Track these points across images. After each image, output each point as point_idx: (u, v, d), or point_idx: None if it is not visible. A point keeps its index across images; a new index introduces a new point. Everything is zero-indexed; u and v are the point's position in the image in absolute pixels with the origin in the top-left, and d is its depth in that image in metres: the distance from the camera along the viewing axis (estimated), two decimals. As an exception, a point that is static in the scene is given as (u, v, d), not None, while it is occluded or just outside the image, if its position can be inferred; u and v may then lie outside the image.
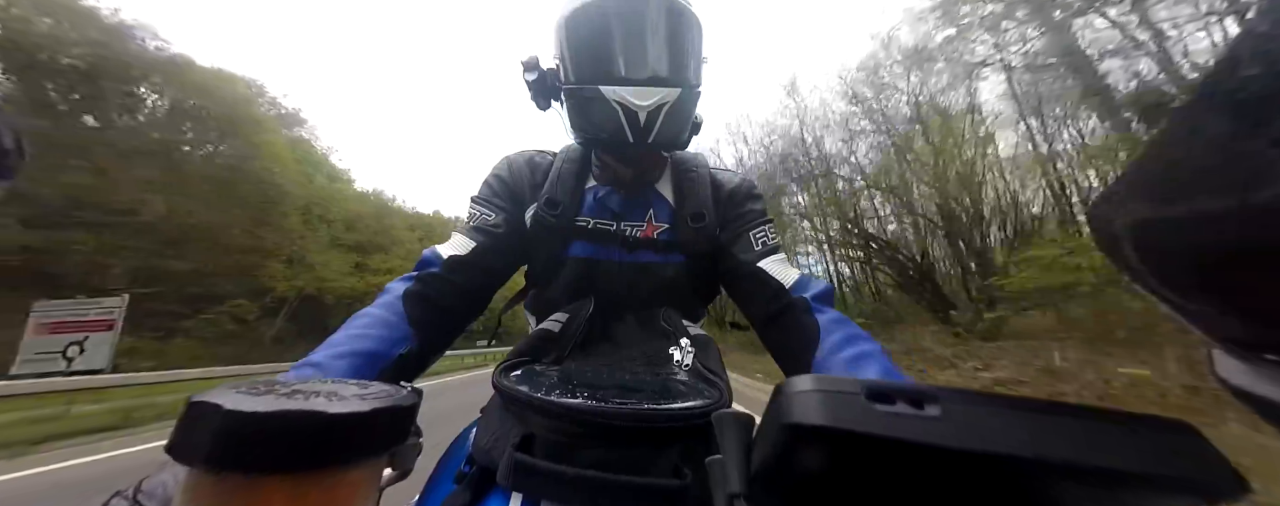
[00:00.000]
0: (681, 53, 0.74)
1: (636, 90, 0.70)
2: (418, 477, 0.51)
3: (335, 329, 0.60)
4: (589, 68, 0.73)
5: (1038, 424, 0.18)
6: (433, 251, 0.74)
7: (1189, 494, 0.18)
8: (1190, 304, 0.19)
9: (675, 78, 0.73)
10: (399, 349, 0.61)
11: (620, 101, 0.70)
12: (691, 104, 0.75)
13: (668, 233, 0.82)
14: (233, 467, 0.24)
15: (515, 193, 0.83)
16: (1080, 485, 0.18)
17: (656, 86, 0.70)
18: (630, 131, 0.71)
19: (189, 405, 0.25)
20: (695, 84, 0.75)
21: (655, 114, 0.70)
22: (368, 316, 0.62)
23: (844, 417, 0.18)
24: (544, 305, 0.85)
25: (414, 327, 0.64)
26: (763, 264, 0.75)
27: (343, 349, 0.55)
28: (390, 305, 0.65)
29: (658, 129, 0.71)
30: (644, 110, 0.69)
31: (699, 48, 0.76)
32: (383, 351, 0.59)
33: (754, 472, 0.22)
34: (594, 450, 0.44)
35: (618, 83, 0.70)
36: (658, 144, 0.73)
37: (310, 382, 0.31)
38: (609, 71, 0.72)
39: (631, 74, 0.71)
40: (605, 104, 0.70)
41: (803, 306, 0.67)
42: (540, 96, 0.82)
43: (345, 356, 0.55)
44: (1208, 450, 0.18)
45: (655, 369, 0.63)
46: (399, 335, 0.62)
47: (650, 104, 0.69)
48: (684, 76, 0.74)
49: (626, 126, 0.71)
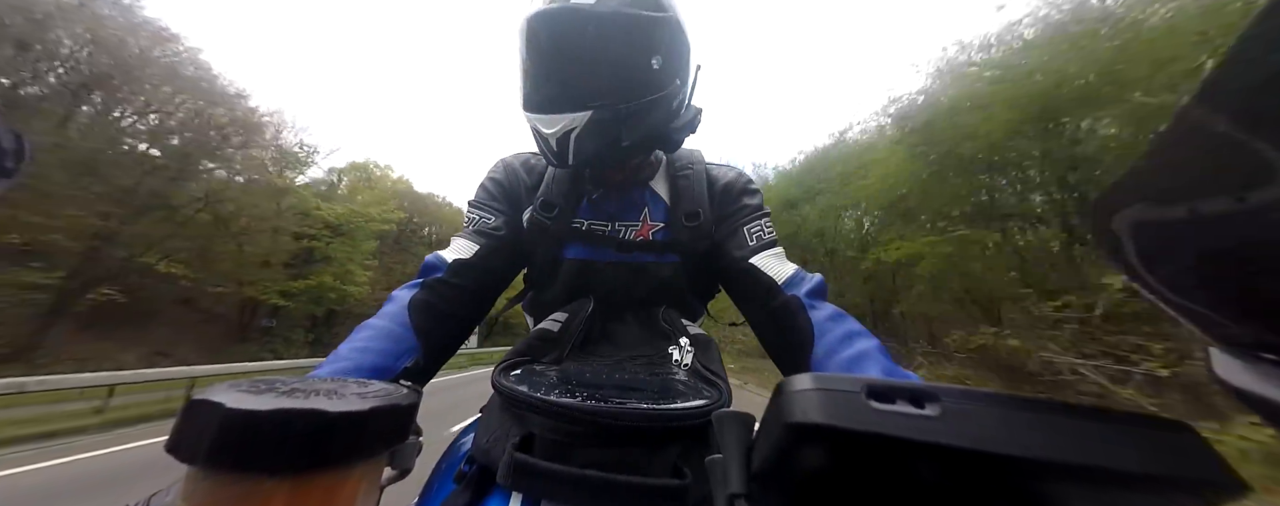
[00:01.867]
0: (601, 69, 0.68)
1: (543, 117, 0.69)
2: (418, 476, 0.51)
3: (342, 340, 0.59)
4: (522, 90, 0.74)
5: (1038, 423, 0.18)
6: (436, 256, 0.74)
7: (1188, 494, 0.18)
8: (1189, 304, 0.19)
9: (578, 102, 0.68)
10: (405, 361, 0.60)
11: (535, 128, 0.71)
12: (611, 120, 0.69)
13: (663, 232, 0.81)
14: (233, 466, 0.24)
15: (512, 195, 0.84)
16: (1080, 485, 0.18)
17: (561, 112, 0.68)
18: (550, 156, 0.72)
19: (189, 404, 0.25)
20: (623, 98, 0.69)
21: (564, 140, 0.69)
22: (372, 328, 0.61)
23: (844, 417, 0.18)
24: (542, 307, 0.85)
25: (420, 337, 0.63)
26: (755, 260, 0.74)
27: (347, 363, 0.55)
28: (396, 315, 0.64)
29: (572, 151, 0.69)
30: (552, 137, 0.69)
31: (642, 55, 0.69)
32: (388, 365, 0.58)
33: (754, 472, 0.22)
34: (594, 450, 0.44)
35: (532, 110, 0.71)
36: (581, 164, 0.73)
37: (310, 381, 0.31)
38: (527, 96, 0.72)
39: (540, 102, 0.70)
40: (533, 128, 0.72)
41: (796, 304, 0.67)
42: None
43: (349, 373, 0.54)
44: (1206, 450, 0.18)
45: (655, 369, 0.63)
46: (405, 347, 0.61)
47: (556, 131, 0.68)
48: (591, 96, 0.68)
49: (547, 151, 0.72)
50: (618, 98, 0.69)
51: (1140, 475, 0.17)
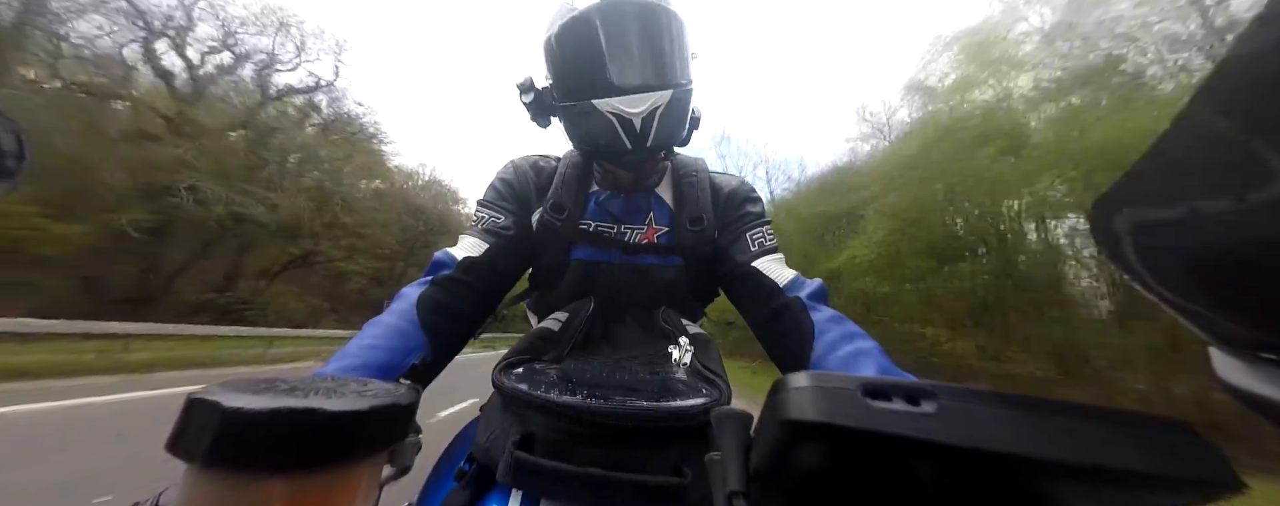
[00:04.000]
0: (666, 54, 0.75)
1: (628, 98, 0.71)
2: (418, 475, 0.51)
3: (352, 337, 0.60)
4: (579, 83, 0.75)
5: (1035, 422, 0.18)
6: (445, 253, 0.75)
7: (1187, 492, 0.18)
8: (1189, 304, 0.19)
9: (664, 80, 0.74)
10: (412, 358, 0.61)
11: (614, 112, 0.71)
12: (685, 101, 0.77)
13: (667, 236, 0.83)
14: (232, 465, 0.24)
15: (521, 196, 0.85)
16: (1077, 483, 0.18)
17: (647, 91, 0.72)
18: (628, 139, 0.73)
19: (188, 403, 0.25)
20: (684, 82, 0.76)
21: (650, 118, 0.72)
22: (381, 326, 0.62)
23: (840, 414, 0.18)
24: (546, 306, 0.86)
25: (428, 334, 0.64)
26: (757, 264, 0.76)
27: (355, 360, 0.55)
28: (404, 312, 0.64)
29: (654, 132, 0.73)
30: (638, 117, 0.71)
31: (684, 46, 0.77)
32: (397, 362, 0.59)
33: (753, 470, 0.22)
34: (594, 448, 0.45)
35: (609, 94, 0.72)
36: (656, 146, 0.74)
37: (310, 380, 0.31)
38: (599, 84, 0.73)
39: (621, 83, 0.72)
40: (600, 116, 0.72)
41: (798, 305, 0.68)
42: (539, 116, 0.84)
43: (357, 370, 0.54)
44: (1205, 448, 0.18)
45: (655, 368, 0.63)
46: (414, 344, 0.62)
47: (643, 110, 0.71)
48: (672, 77, 0.75)
49: (623, 135, 0.72)
50: (687, 79, 0.77)
51: (1139, 474, 0.17)
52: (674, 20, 0.76)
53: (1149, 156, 0.19)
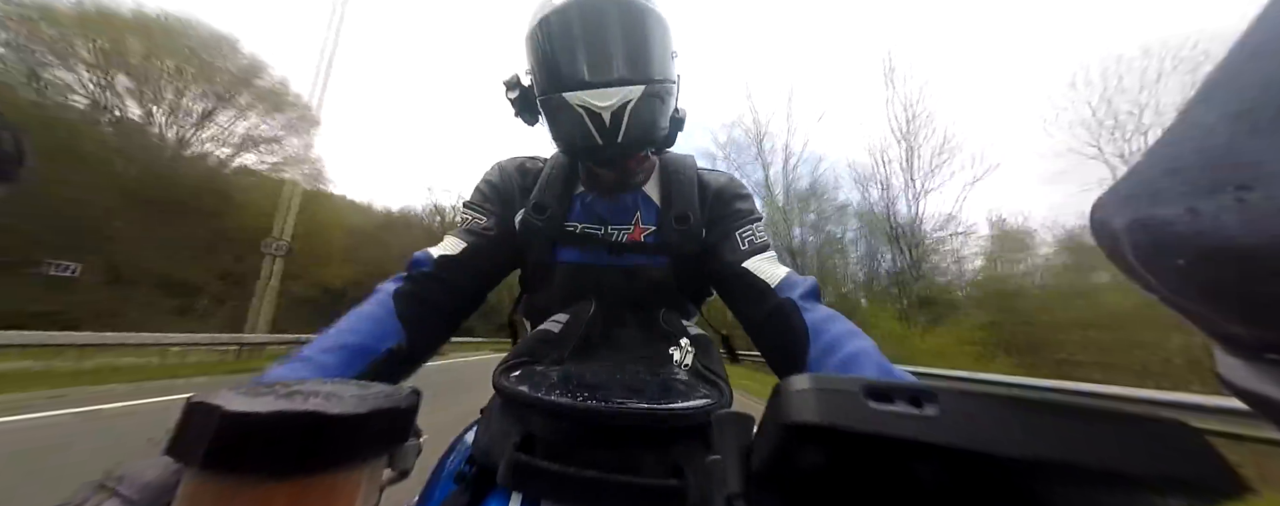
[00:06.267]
0: (641, 49, 0.74)
1: (597, 92, 0.70)
2: (418, 477, 0.51)
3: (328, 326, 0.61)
4: (554, 76, 0.74)
5: (1038, 423, 0.18)
6: (424, 253, 0.76)
7: (1187, 494, 0.18)
8: (1190, 304, 0.19)
9: (636, 75, 0.73)
10: (388, 344, 0.62)
11: (583, 105, 0.71)
12: (661, 99, 0.75)
13: (654, 235, 0.82)
14: (231, 469, 0.24)
15: (506, 197, 0.85)
16: (1079, 485, 0.18)
17: (618, 85, 0.71)
18: (597, 133, 0.72)
19: (187, 406, 0.25)
20: (660, 79, 0.75)
21: (619, 113, 0.70)
22: (358, 314, 0.64)
23: (842, 416, 0.18)
24: (537, 310, 0.86)
25: (404, 324, 0.65)
26: (748, 263, 0.75)
27: (331, 343, 0.57)
28: (381, 302, 0.66)
29: (624, 128, 0.71)
30: (607, 111, 0.70)
31: (664, 43, 0.76)
32: (371, 346, 0.60)
33: (753, 472, 0.22)
34: (594, 450, 0.44)
35: (579, 87, 0.71)
36: (630, 143, 0.73)
37: (309, 383, 0.31)
38: (570, 77, 0.73)
39: (591, 77, 0.72)
40: (571, 110, 0.71)
41: (790, 306, 0.67)
42: (525, 112, 0.84)
43: (333, 350, 0.56)
44: (1206, 450, 0.18)
45: (655, 369, 0.63)
46: (388, 330, 0.63)
47: (612, 104, 0.70)
48: (646, 72, 0.73)
49: (593, 129, 0.72)
50: (663, 77, 0.75)
51: (1140, 475, 0.17)
52: (652, 16, 0.75)
53: (1149, 156, 0.19)
